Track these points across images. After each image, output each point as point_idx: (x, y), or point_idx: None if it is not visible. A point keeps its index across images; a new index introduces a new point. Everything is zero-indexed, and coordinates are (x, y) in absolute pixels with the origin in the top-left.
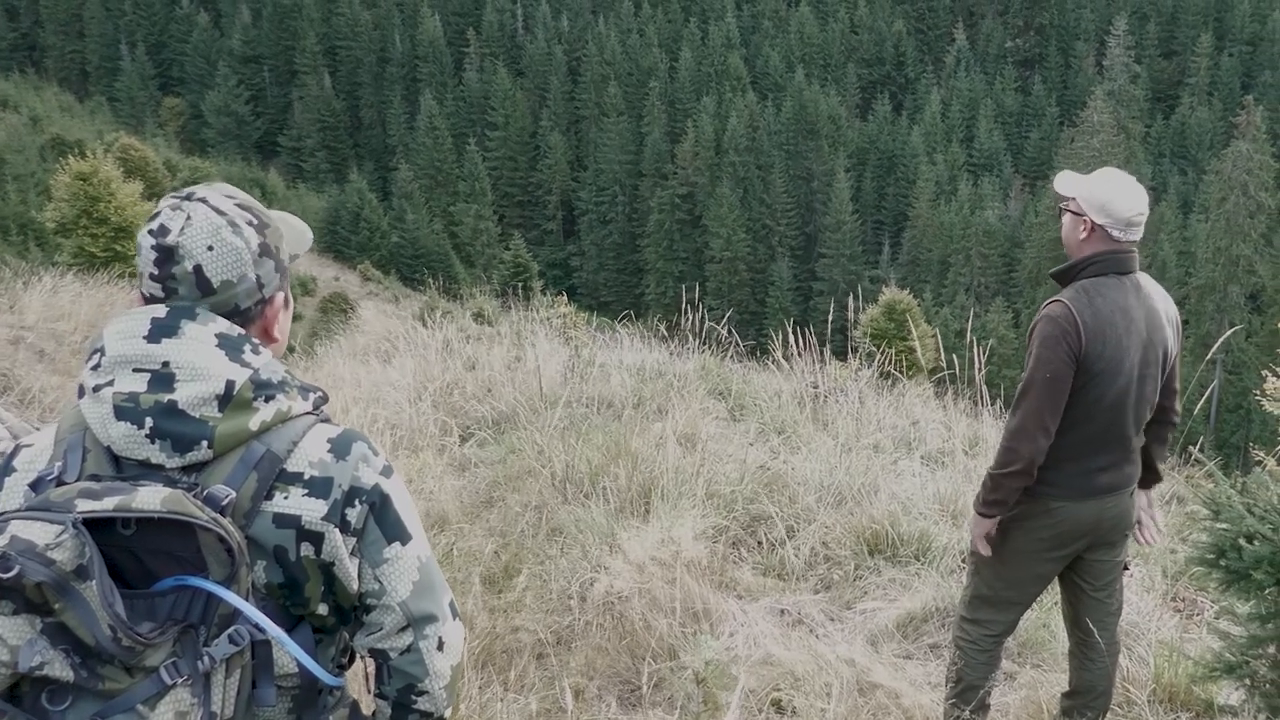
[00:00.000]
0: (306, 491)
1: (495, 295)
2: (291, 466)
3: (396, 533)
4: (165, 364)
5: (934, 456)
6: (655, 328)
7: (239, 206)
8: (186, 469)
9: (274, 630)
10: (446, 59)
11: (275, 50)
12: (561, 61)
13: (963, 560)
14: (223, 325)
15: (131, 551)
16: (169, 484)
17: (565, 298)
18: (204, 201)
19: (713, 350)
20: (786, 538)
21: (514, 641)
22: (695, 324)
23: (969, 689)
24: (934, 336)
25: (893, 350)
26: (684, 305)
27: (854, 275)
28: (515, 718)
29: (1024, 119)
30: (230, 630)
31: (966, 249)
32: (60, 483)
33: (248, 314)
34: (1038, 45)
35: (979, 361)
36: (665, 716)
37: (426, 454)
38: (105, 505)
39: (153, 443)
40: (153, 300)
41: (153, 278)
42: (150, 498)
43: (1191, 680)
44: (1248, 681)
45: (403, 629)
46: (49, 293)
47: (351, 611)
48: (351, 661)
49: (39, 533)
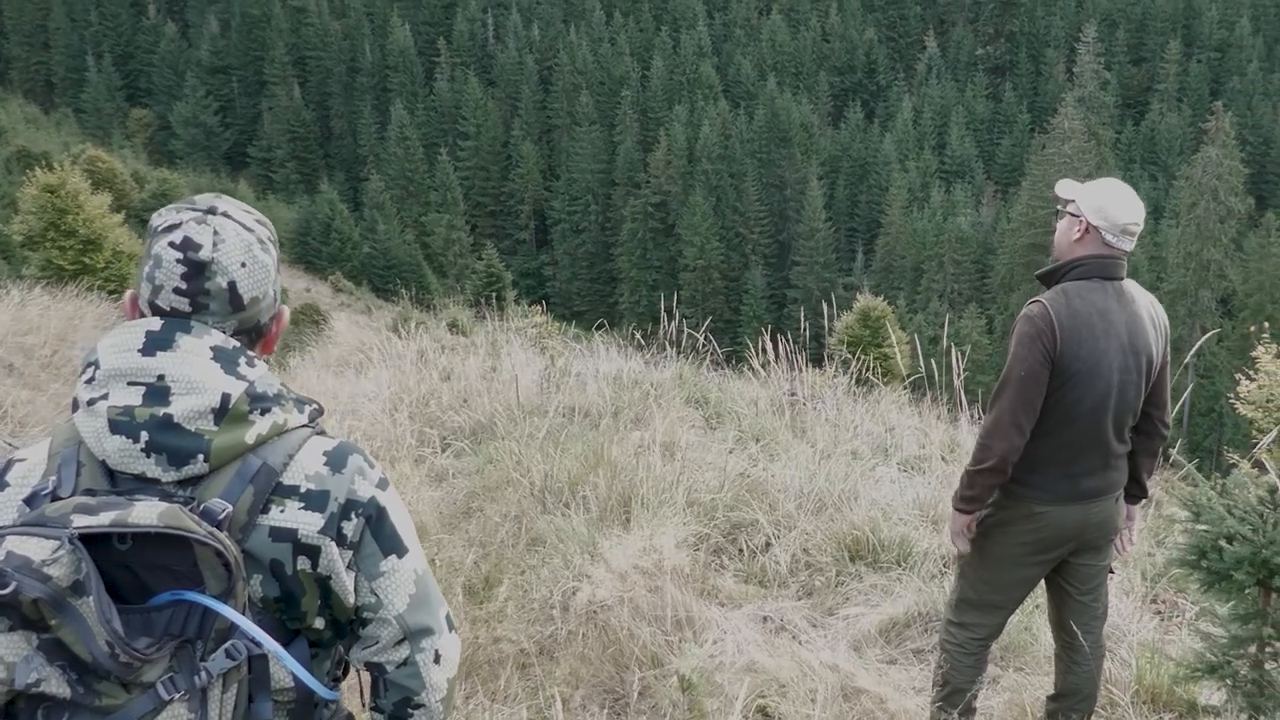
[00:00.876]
0: (303, 505)
1: (469, 305)
2: (288, 480)
3: (393, 545)
4: (160, 377)
5: (911, 462)
6: (630, 337)
7: (258, 222)
8: (182, 483)
9: (271, 644)
10: (417, 68)
11: (244, 60)
12: (533, 71)
13: (944, 565)
14: (218, 338)
15: (127, 567)
16: (165, 498)
17: (541, 307)
18: (229, 217)
19: (689, 359)
20: (768, 545)
21: (496, 652)
22: (671, 333)
23: (955, 692)
24: (909, 343)
25: (869, 357)
26: (660, 314)
27: (828, 283)
28: None
29: (995, 126)
30: (227, 645)
31: (939, 256)
32: (55, 497)
33: (264, 329)
34: (1008, 52)
35: (958, 368)
36: None
37: (404, 465)
38: (101, 520)
39: (148, 456)
40: (174, 313)
41: (179, 291)
42: (147, 512)
43: (1173, 681)
44: (1229, 681)
45: (399, 642)
46: (17, 306)
47: (348, 625)
48: (346, 675)
49: (35, 548)
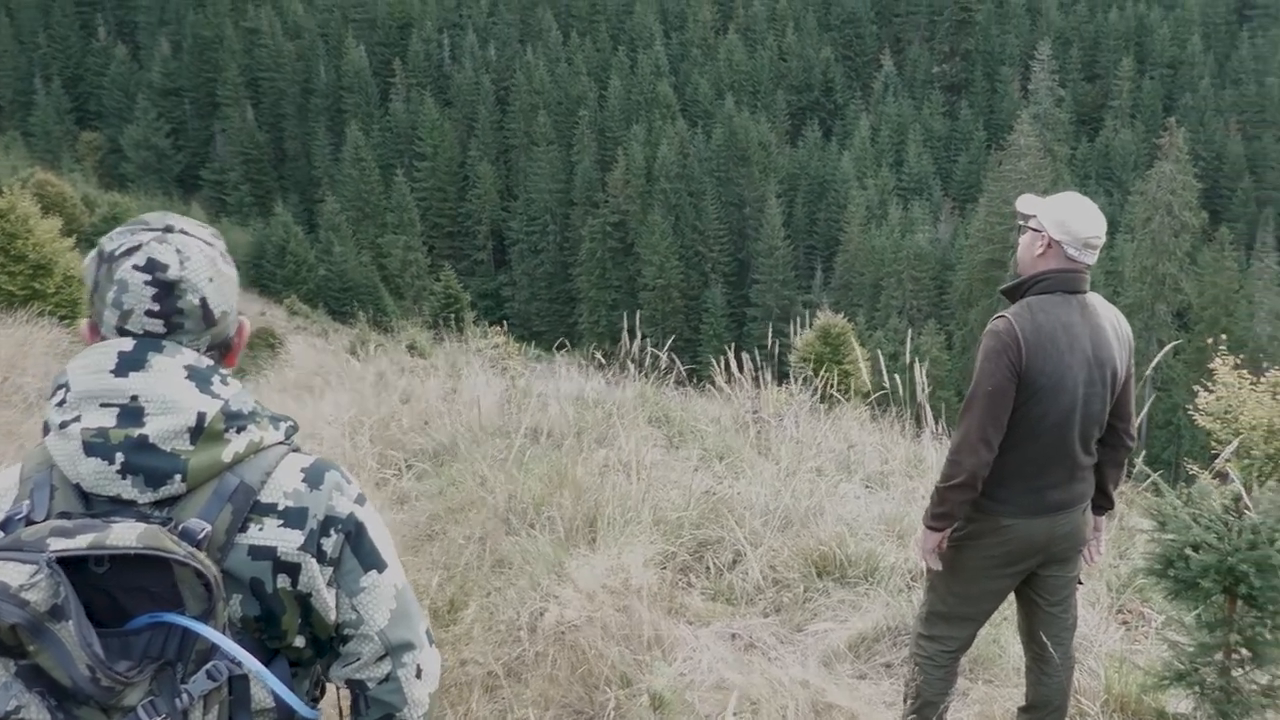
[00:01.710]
0: (282, 522)
1: (427, 327)
2: (265, 498)
3: (373, 561)
4: (134, 398)
5: (875, 478)
6: (591, 357)
7: (214, 236)
8: (159, 503)
9: (253, 664)
10: (372, 89)
11: (196, 82)
12: (489, 91)
13: (912, 579)
14: (190, 357)
15: (105, 590)
16: (142, 519)
17: (501, 328)
18: (187, 234)
19: (650, 378)
20: (735, 562)
21: (464, 675)
22: (632, 352)
23: (926, 705)
24: (870, 359)
25: (831, 374)
26: (620, 333)
27: (787, 300)
28: None
29: (952, 143)
30: (208, 666)
31: (898, 272)
32: (29, 522)
33: (230, 343)
34: (964, 71)
35: (921, 383)
36: None
37: (366, 488)
38: (79, 543)
39: (124, 478)
40: (147, 335)
41: (152, 314)
42: (125, 534)
43: (1142, 690)
44: (1197, 689)
45: (381, 658)
46: None
47: (328, 643)
48: (323, 693)
49: (12, 573)
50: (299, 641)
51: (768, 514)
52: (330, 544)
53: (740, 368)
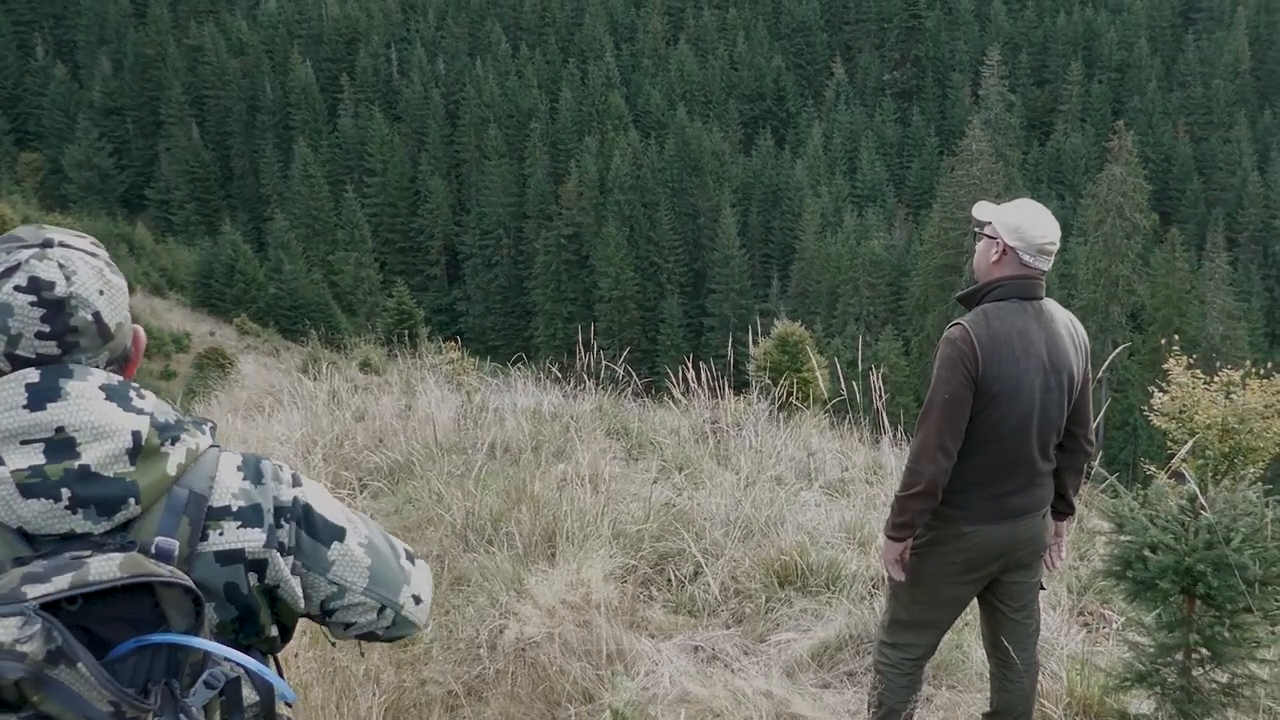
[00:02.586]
0: (240, 523)
1: (381, 344)
2: (217, 502)
3: (330, 533)
4: (60, 429)
5: (835, 486)
6: (548, 370)
7: (95, 245)
8: (112, 530)
9: (251, 664)
10: (320, 105)
11: (139, 101)
12: (439, 105)
13: (874, 587)
14: (101, 376)
15: (81, 626)
16: (97, 549)
17: (456, 343)
18: (68, 246)
19: (608, 390)
20: (696, 574)
21: (423, 695)
22: (589, 364)
23: (890, 713)
24: (828, 367)
25: (789, 383)
26: (577, 346)
27: (744, 309)
28: None
29: (904, 149)
30: (205, 675)
31: (854, 279)
32: None
33: (128, 354)
34: (915, 77)
35: (879, 390)
36: None
37: None
38: (59, 585)
39: (75, 513)
40: (40, 359)
41: (43, 335)
42: (106, 567)
43: (1104, 692)
44: (1158, 690)
45: (380, 610)
46: None
47: (291, 628)
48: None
49: None
50: (273, 632)
51: (728, 524)
52: (285, 534)
53: (698, 378)
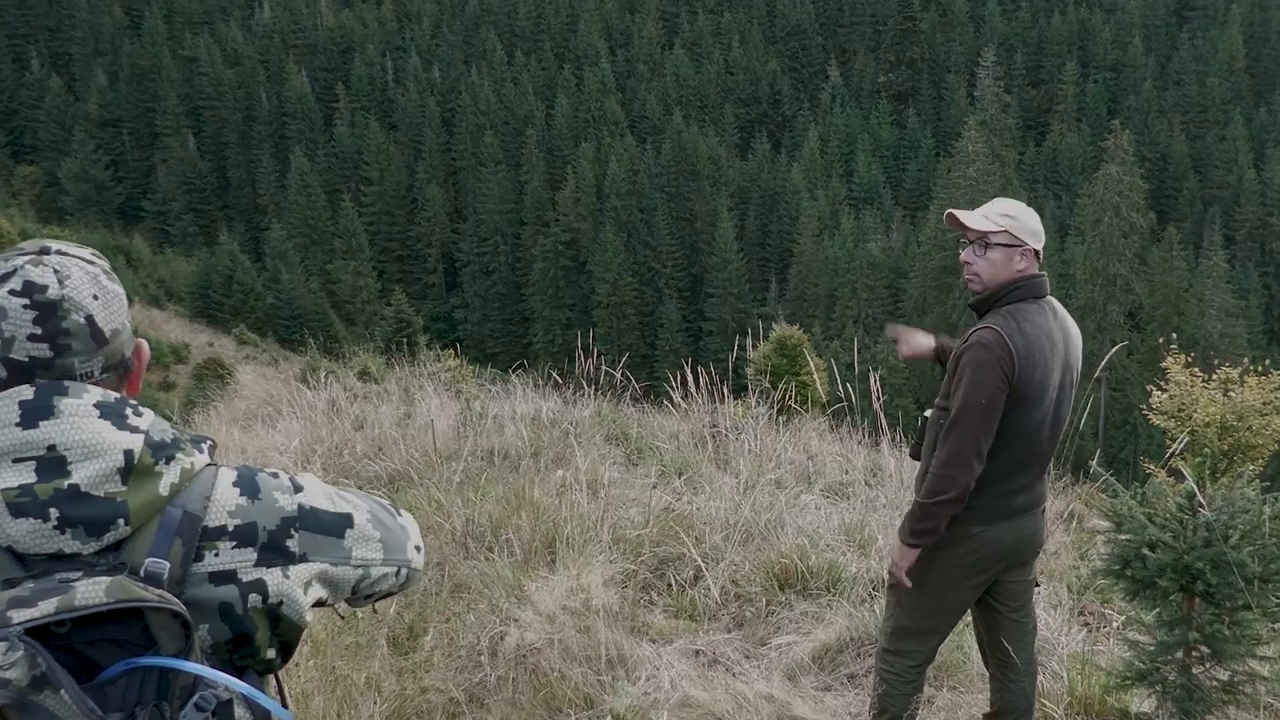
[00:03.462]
0: (235, 543)
1: (379, 353)
2: (212, 522)
3: (338, 524)
4: (51, 447)
5: (835, 489)
6: (546, 376)
7: (96, 255)
8: (103, 551)
9: (243, 688)
10: (316, 115)
11: (135, 113)
12: (435, 113)
13: (874, 589)
14: (97, 393)
15: (69, 648)
16: (87, 570)
17: (454, 351)
18: (65, 254)
19: (607, 396)
20: (696, 578)
21: (425, 703)
22: (587, 370)
23: (893, 718)
24: (826, 370)
25: (788, 386)
26: (576, 352)
27: (742, 313)
28: None
29: (901, 151)
30: (196, 698)
31: (852, 282)
32: None
33: (128, 365)
34: (910, 79)
35: (877, 392)
36: None
37: None
38: (45, 610)
39: (63, 533)
40: (33, 362)
41: (35, 338)
42: (93, 592)
43: (1105, 691)
44: (1159, 688)
45: (397, 572)
46: None
47: (295, 646)
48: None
49: None
50: (270, 653)
51: (728, 528)
52: (294, 543)
53: (697, 382)
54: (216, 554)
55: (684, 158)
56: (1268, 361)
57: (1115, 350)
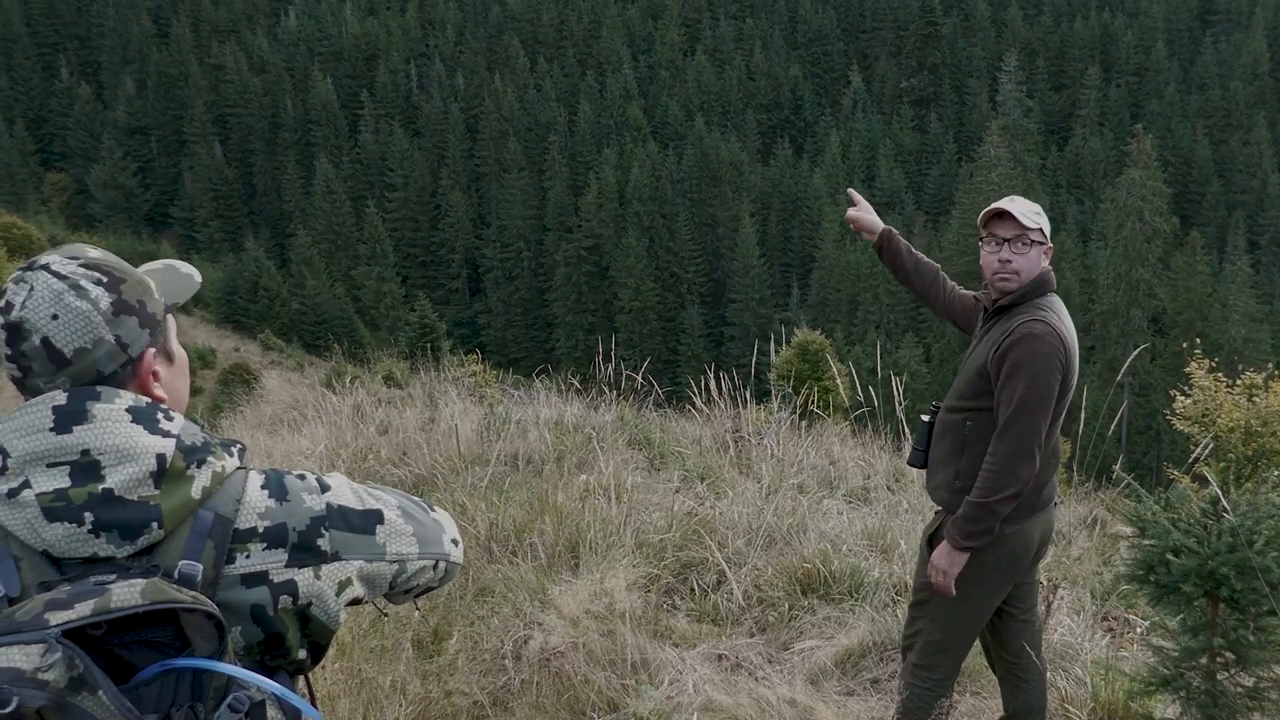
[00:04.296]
0: (265, 545)
1: (403, 358)
2: (243, 524)
3: (369, 522)
4: (85, 452)
5: (857, 493)
6: (569, 381)
7: (84, 267)
8: (137, 554)
9: (276, 689)
10: (340, 122)
11: (162, 120)
12: (459, 119)
13: (896, 594)
14: (129, 398)
15: (105, 650)
16: (122, 573)
17: (478, 356)
18: (46, 269)
19: (629, 401)
20: (719, 583)
21: (450, 706)
22: (609, 375)
23: None
24: (848, 375)
25: (810, 391)
26: (598, 357)
27: (764, 319)
28: None
29: (923, 157)
30: (229, 699)
31: (874, 287)
32: (10, 600)
33: (115, 378)
34: (932, 84)
35: (899, 397)
36: None
37: None
38: (81, 612)
39: (98, 536)
40: (15, 382)
41: (9, 358)
42: (128, 594)
43: (1129, 697)
44: (1183, 694)
45: (435, 565)
46: None
47: (325, 647)
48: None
49: (20, 657)
50: (302, 654)
51: (751, 533)
52: (327, 542)
53: (719, 387)
54: (248, 556)
55: (706, 163)
56: None
57: (1137, 353)
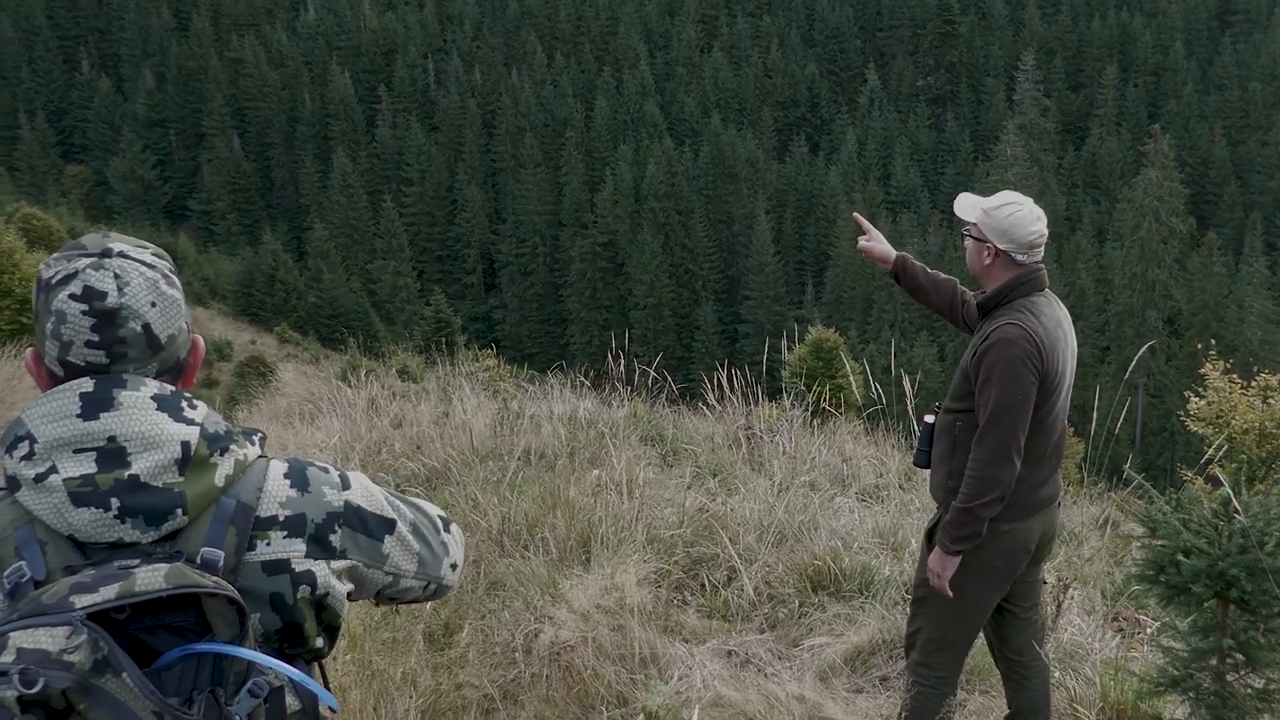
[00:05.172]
0: (286, 533)
1: (418, 352)
2: (264, 512)
3: (381, 528)
4: (111, 439)
5: (869, 492)
6: (583, 377)
7: (157, 256)
8: (161, 540)
9: (295, 674)
10: (358, 116)
11: (181, 113)
12: (476, 115)
13: (906, 592)
14: (154, 386)
15: (128, 634)
16: (145, 559)
17: (492, 351)
18: (126, 257)
19: (642, 397)
20: (730, 579)
21: (460, 699)
22: (623, 371)
23: None
24: (862, 373)
25: (824, 389)
26: (612, 353)
27: (779, 316)
28: None
29: (939, 155)
30: (249, 684)
31: (889, 285)
32: (36, 583)
33: (183, 365)
34: (948, 83)
35: (911, 396)
36: None
37: None
38: (106, 595)
39: (123, 522)
40: (89, 367)
41: (92, 345)
42: (152, 578)
43: (1138, 697)
44: (1192, 695)
45: (425, 586)
46: None
47: (337, 631)
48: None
49: (46, 639)
50: (319, 642)
51: (762, 529)
52: (338, 539)
53: (732, 384)
54: (269, 543)
55: (722, 160)
56: None
57: (1143, 350)
